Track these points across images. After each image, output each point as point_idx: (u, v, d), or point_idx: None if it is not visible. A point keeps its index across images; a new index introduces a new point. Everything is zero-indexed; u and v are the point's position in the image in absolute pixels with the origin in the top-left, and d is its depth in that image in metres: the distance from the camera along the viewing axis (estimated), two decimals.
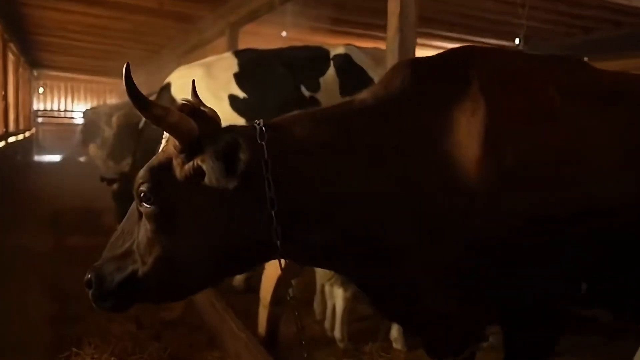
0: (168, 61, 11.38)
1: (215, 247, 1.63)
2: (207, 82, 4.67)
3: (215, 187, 1.57)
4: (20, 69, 14.49)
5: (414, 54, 3.10)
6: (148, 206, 1.62)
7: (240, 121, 4.51)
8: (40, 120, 21.15)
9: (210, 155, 1.56)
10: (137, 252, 1.66)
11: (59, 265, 5.31)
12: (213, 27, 7.37)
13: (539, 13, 6.89)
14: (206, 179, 1.59)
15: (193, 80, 1.93)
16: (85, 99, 22.72)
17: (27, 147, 15.51)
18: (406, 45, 3.10)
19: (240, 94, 4.52)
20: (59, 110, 22.42)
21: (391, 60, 3.09)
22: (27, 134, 15.09)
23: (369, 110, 1.71)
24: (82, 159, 15.34)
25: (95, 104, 20.79)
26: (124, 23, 9.41)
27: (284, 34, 8.28)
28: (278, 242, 1.59)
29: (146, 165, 1.68)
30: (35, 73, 19.14)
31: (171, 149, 1.65)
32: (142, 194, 1.63)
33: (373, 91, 1.78)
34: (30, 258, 5.60)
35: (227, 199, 1.59)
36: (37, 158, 17.83)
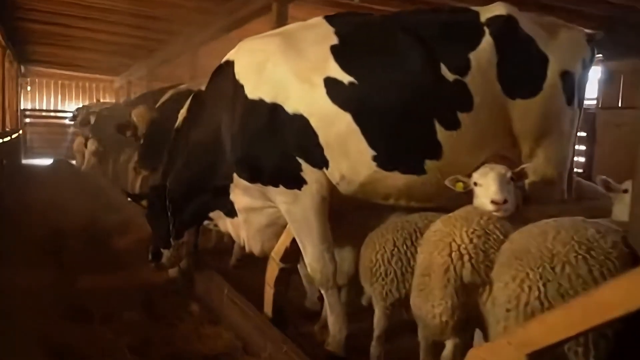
0: (181, 51, 9.83)
1: None
2: (291, 60, 3.14)
3: None
4: (7, 63, 12.85)
5: None
6: None
7: (343, 117, 2.99)
8: (28, 120, 19.63)
9: None
10: None
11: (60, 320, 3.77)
12: (254, 2, 5.86)
13: None
14: None
15: None
16: (77, 97, 21.22)
17: (14, 149, 14.03)
18: None
19: (344, 78, 2.99)
20: (48, 110, 20.92)
21: None
22: (13, 135, 13.54)
23: None
24: (74, 162, 13.94)
25: (86, 102, 19.25)
26: (129, 3, 7.90)
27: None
28: None
29: None
30: (22, 69, 17.58)
31: None
32: None
33: None
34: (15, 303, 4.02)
35: None
36: (25, 162, 16.31)
